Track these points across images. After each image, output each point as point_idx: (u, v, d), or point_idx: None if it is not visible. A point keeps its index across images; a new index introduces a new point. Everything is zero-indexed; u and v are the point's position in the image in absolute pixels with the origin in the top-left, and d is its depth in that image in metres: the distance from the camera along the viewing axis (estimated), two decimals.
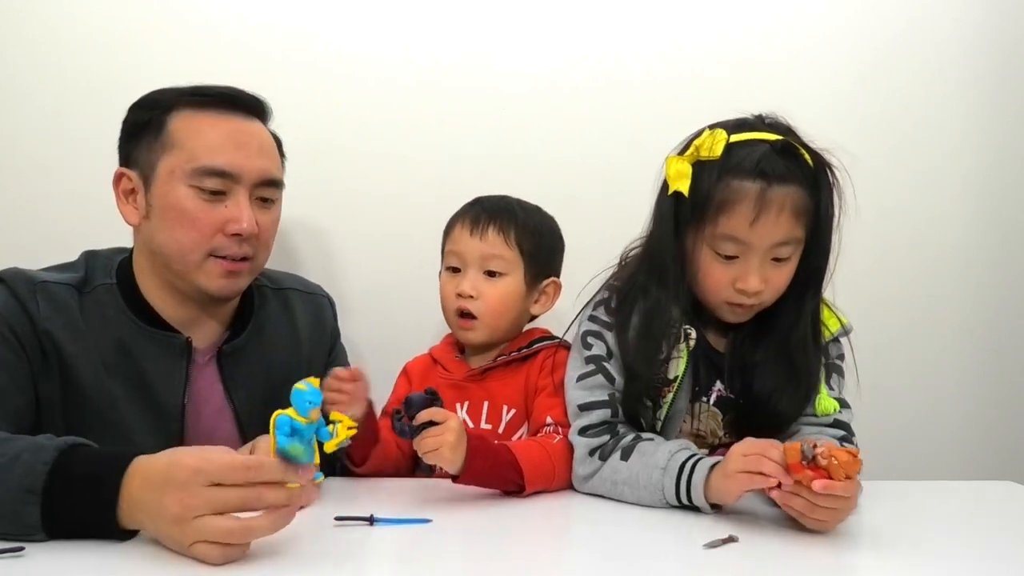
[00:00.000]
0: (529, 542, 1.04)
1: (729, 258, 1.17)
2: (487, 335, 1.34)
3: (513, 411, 1.33)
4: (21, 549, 0.85)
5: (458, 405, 1.34)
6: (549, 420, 1.26)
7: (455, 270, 1.35)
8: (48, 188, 1.57)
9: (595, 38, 1.71)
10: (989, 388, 1.84)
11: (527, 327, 1.42)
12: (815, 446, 0.99)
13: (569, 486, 1.22)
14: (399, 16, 1.66)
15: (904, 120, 1.78)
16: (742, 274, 1.17)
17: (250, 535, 0.85)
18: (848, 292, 1.31)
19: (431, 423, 1.08)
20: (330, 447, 0.93)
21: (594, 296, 1.30)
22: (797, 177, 1.14)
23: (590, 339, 1.25)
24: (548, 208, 1.51)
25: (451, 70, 1.67)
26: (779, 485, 1.01)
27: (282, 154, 1.30)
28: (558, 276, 1.41)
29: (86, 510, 0.88)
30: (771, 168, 1.13)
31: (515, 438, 1.31)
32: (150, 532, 0.89)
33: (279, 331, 1.33)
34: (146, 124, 1.19)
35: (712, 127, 1.21)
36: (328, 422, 0.94)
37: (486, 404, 1.33)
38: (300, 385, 0.89)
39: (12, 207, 1.57)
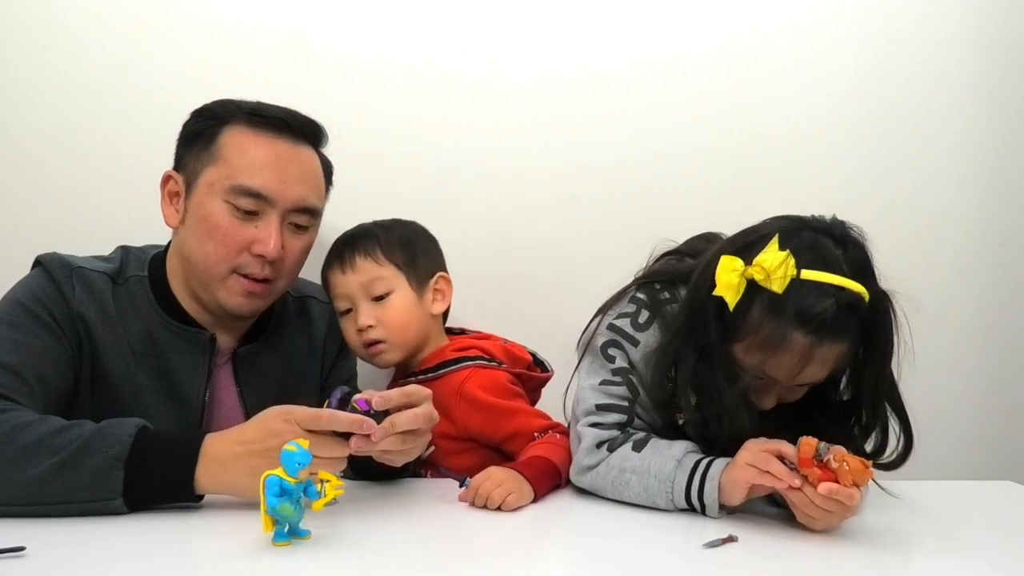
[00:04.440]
0: (529, 541, 1.04)
1: (754, 377, 1.14)
2: (399, 353, 1.36)
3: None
4: (22, 549, 0.85)
5: None
6: (536, 434, 1.28)
7: (348, 311, 1.36)
8: (48, 188, 1.57)
9: (596, 41, 1.71)
10: (989, 388, 1.84)
11: (442, 339, 1.41)
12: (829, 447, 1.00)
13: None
14: (399, 18, 1.66)
15: (904, 120, 1.78)
16: (760, 394, 1.15)
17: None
18: None
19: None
20: (318, 506, 0.93)
21: (615, 303, 1.27)
22: (851, 333, 1.08)
23: (611, 350, 1.23)
24: (551, 210, 1.51)
25: (455, 76, 1.67)
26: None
27: (329, 182, 1.31)
28: (444, 270, 1.41)
29: (167, 469, 0.98)
30: (830, 323, 1.05)
31: None
32: (229, 482, 0.99)
33: (296, 338, 1.35)
34: (200, 133, 1.22)
35: (783, 238, 1.09)
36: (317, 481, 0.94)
37: None
38: (289, 446, 0.90)
39: (12, 208, 1.57)
